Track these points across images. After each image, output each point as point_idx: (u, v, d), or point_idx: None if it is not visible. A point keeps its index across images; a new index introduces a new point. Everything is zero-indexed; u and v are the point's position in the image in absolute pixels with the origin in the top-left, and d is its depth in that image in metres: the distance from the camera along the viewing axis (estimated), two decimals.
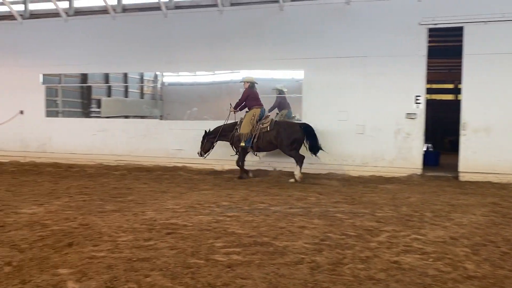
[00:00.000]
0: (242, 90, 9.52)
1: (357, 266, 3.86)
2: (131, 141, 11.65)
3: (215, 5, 10.84)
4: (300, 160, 8.85)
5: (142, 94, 17.20)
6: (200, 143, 9.72)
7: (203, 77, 14.91)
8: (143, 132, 11.56)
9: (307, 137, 9.04)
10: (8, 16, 12.82)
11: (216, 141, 9.69)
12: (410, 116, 9.57)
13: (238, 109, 9.50)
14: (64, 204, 6.50)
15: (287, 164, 9.72)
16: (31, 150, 12.52)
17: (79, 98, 14.88)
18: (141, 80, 18.40)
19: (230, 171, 10.12)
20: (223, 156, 10.28)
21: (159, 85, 12.19)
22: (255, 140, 9.06)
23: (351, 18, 9.98)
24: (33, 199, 6.87)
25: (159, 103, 12.93)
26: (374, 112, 9.86)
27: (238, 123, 9.40)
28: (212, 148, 9.74)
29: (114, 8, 11.61)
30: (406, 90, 9.61)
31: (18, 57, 12.63)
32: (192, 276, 3.56)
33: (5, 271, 3.65)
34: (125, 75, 17.56)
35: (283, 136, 8.95)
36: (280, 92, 10.74)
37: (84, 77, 14.68)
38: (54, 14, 12.24)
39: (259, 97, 9.42)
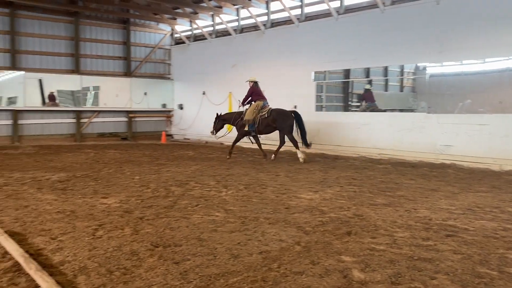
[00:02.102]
0: None
1: None
2: (394, 135, 11.46)
3: None
4: (294, 142, 10.82)
5: (401, 87, 16.78)
6: (213, 124, 11.97)
7: (472, 66, 13.44)
8: (408, 125, 11.19)
9: (297, 121, 10.93)
10: (287, 21, 14.41)
11: (232, 124, 11.78)
12: None
13: (245, 103, 11.46)
14: (336, 193, 6.86)
15: None
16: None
17: (341, 93, 15.61)
18: (401, 73, 17.94)
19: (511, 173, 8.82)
20: (498, 154, 9.06)
21: (426, 77, 11.58)
22: (256, 125, 11.06)
23: None
24: (308, 186, 7.50)
25: (423, 96, 12.33)
26: None
27: (244, 112, 11.42)
28: (222, 128, 12.00)
29: (383, 1, 11.58)
30: None
31: (293, 57, 14.08)
32: None
33: (296, 250, 4.05)
34: (385, 68, 17.45)
35: (280, 120, 10.90)
36: (366, 90, 13.50)
37: (346, 73, 15.27)
38: (326, 14, 13.10)
39: (262, 92, 11.45)
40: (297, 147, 10.82)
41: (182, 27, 19.04)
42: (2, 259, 3.71)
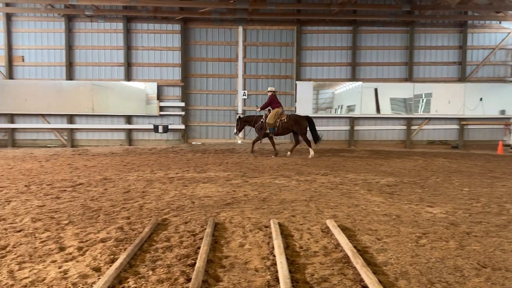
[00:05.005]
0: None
1: None
2: None
3: None
4: (307, 142, 13.22)
5: None
6: (235, 125, 13.78)
7: None
8: None
9: (309, 125, 13.23)
10: None
11: (251, 125, 13.73)
12: None
13: (263, 109, 13.49)
14: None
15: None
16: None
17: None
18: None
19: None
20: None
21: None
22: (276, 128, 13.16)
23: None
24: None
25: None
26: None
27: (263, 117, 13.39)
28: (243, 129, 14.01)
29: None
30: None
31: None
32: None
33: None
34: None
35: (297, 124, 13.11)
36: None
37: None
38: None
39: (279, 100, 13.49)
40: (309, 146, 13.17)
41: None
42: (335, 250, 4.20)
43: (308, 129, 13.28)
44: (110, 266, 3.68)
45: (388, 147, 17.16)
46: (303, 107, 17.24)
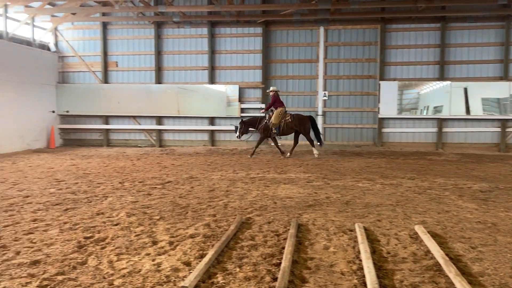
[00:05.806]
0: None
1: None
2: None
3: None
4: (311, 141, 13.24)
5: None
6: (238, 129, 13.42)
7: None
8: None
9: (312, 125, 13.13)
10: None
11: (255, 128, 13.45)
12: None
13: (267, 109, 13.59)
14: None
15: None
16: None
17: None
18: None
19: None
20: None
21: None
22: (281, 128, 13.01)
23: None
24: None
25: None
26: None
27: (267, 118, 13.31)
28: (247, 133, 13.60)
29: None
30: None
31: None
32: None
33: None
34: None
35: (301, 124, 13.05)
36: None
37: None
38: None
39: (281, 100, 13.40)
40: (313, 145, 13.22)
41: None
42: (425, 257, 4.02)
43: (311, 128, 13.32)
44: (200, 261, 3.84)
45: (480, 151, 16.02)
46: (387, 108, 16.67)
